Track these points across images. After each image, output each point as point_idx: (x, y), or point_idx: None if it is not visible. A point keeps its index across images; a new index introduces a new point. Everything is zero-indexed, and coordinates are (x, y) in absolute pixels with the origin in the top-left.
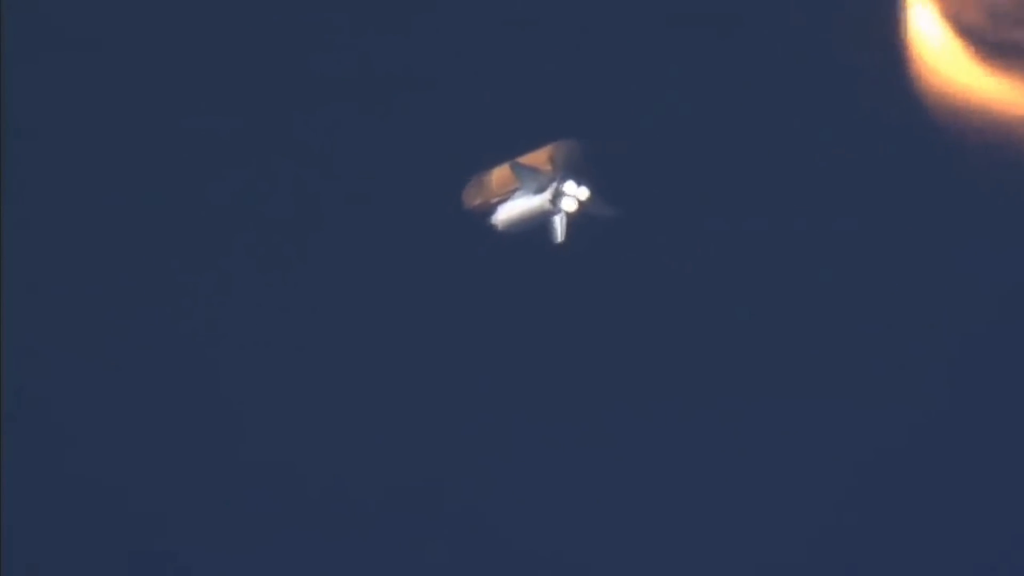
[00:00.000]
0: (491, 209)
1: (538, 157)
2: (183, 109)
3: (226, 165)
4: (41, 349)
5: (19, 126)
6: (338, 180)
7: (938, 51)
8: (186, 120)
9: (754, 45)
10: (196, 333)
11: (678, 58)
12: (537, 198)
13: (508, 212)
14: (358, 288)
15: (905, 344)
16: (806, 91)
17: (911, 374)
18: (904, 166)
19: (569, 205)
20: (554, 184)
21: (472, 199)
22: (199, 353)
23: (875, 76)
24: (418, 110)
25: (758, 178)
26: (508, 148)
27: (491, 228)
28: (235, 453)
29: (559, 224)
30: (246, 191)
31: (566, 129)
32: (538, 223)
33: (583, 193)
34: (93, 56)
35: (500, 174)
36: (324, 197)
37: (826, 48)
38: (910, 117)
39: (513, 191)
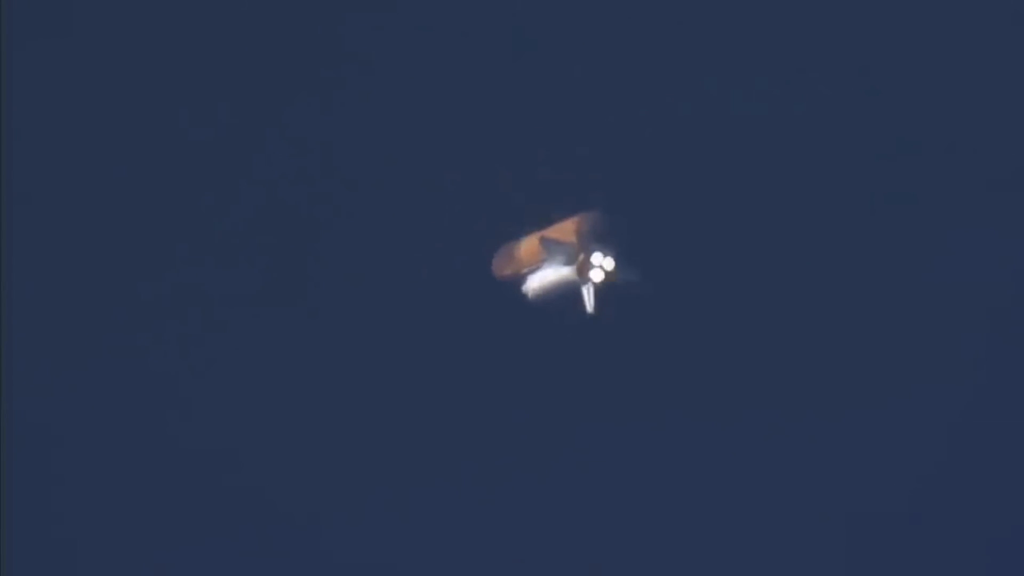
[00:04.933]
0: (521, 279)
1: (565, 229)
2: (182, 109)
3: (226, 166)
4: (41, 350)
5: (19, 126)
6: (370, 248)
7: None
8: (186, 120)
9: (771, 108)
10: (196, 333)
11: (698, 127)
12: (565, 269)
13: (538, 282)
14: (390, 352)
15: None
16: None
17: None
18: None
19: (596, 275)
20: (581, 255)
21: (502, 269)
22: (198, 353)
23: None
24: (447, 183)
25: (773, 238)
26: (536, 218)
27: (522, 297)
28: (234, 455)
29: (588, 294)
30: (247, 190)
31: (591, 200)
32: (567, 292)
33: (609, 263)
34: (93, 56)
35: (528, 245)
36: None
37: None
38: None
39: (542, 262)
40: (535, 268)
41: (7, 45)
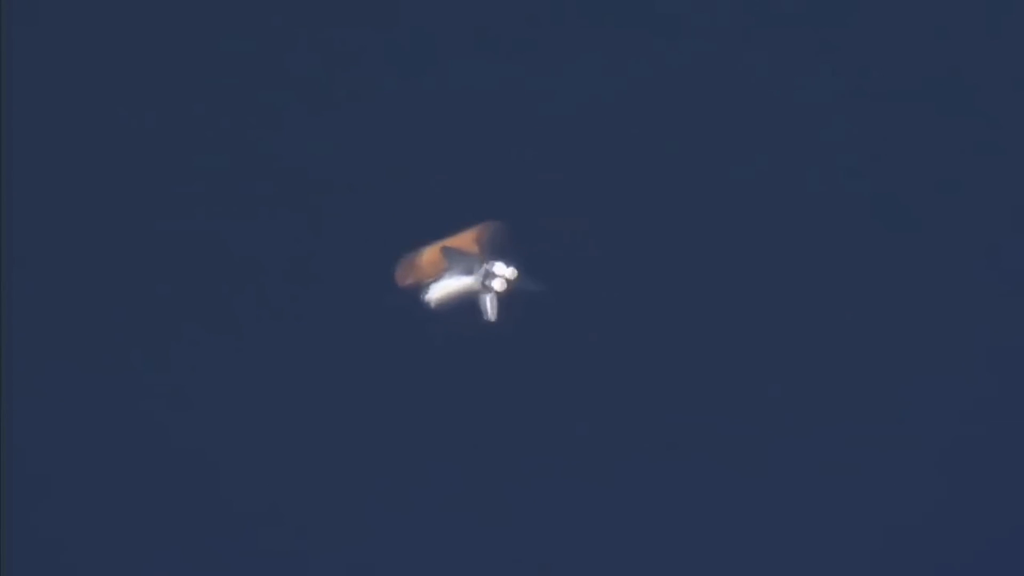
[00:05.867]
0: (423, 289)
1: (466, 239)
2: (180, 111)
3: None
4: (41, 350)
5: (19, 126)
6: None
7: None
8: (183, 122)
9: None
10: (195, 336)
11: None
12: (467, 279)
13: (439, 292)
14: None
15: None
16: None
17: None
18: None
19: (499, 285)
20: (482, 265)
21: (403, 279)
22: (198, 355)
23: None
24: (345, 194)
25: (678, 246)
26: (437, 228)
27: (424, 307)
28: (234, 456)
29: (490, 303)
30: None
31: (492, 210)
32: (469, 302)
33: (511, 273)
34: (94, 56)
35: (429, 255)
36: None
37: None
38: None
39: (443, 272)
40: (436, 278)
41: (7, 45)
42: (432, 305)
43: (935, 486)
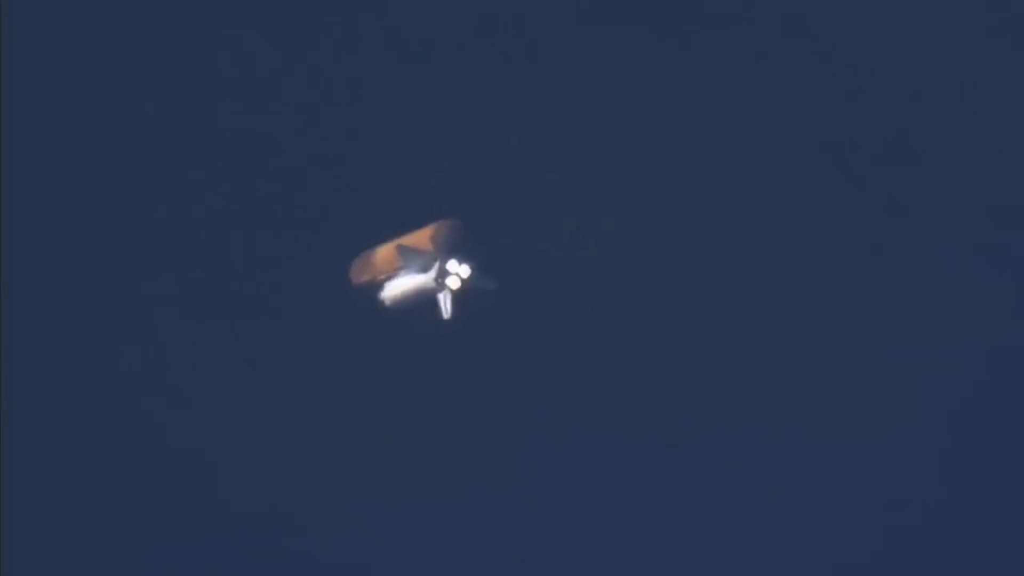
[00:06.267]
0: (378, 287)
1: (420, 237)
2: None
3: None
4: (41, 350)
5: (19, 126)
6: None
7: None
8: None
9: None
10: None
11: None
12: (422, 277)
13: (395, 290)
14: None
15: None
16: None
17: None
18: None
19: (453, 283)
20: (437, 263)
21: (358, 277)
22: (195, 354)
23: None
24: (345, 194)
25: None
26: (392, 226)
27: (379, 305)
28: (228, 454)
29: (444, 300)
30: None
31: (447, 208)
32: (424, 300)
33: (465, 271)
34: (94, 56)
35: (384, 253)
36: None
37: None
38: None
39: (398, 270)
40: (391, 275)
41: (7, 45)
42: (387, 303)
43: (934, 484)
